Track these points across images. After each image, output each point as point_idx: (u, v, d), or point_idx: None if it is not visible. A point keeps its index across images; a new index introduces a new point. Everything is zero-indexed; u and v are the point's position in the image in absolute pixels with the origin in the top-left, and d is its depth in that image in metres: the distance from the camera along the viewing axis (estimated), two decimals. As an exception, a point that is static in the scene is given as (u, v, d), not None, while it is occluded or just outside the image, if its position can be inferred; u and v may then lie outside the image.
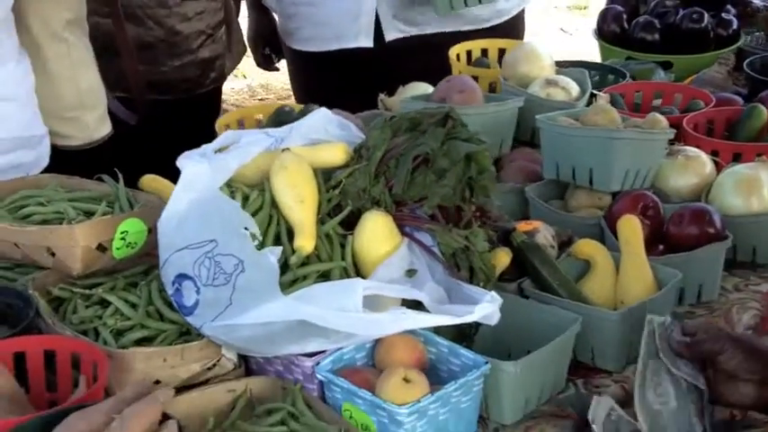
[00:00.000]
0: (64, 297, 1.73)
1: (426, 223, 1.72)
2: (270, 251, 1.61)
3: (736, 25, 3.20)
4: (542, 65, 2.62)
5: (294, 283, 1.63)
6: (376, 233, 1.71)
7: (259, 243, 1.64)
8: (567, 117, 2.24)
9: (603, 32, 3.28)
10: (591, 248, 1.90)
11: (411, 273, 1.68)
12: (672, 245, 1.96)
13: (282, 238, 1.68)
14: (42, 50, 2.31)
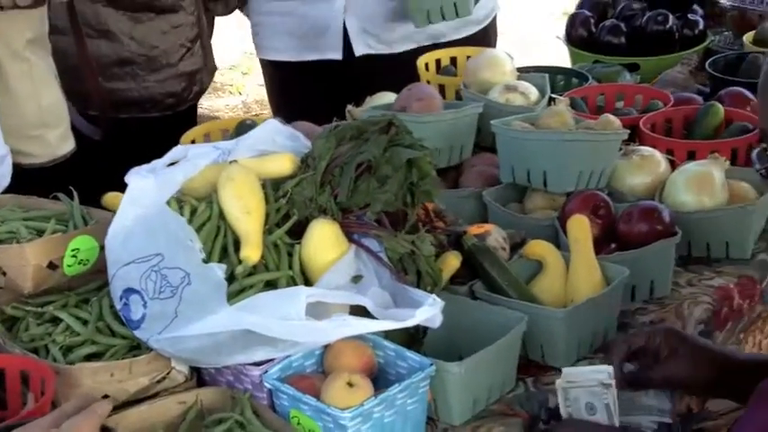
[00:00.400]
0: (18, 316, 1.76)
1: (373, 229, 1.75)
2: (216, 264, 1.64)
3: (702, 26, 3.22)
4: (503, 71, 2.64)
5: (240, 294, 1.65)
6: (323, 241, 1.73)
7: (205, 256, 1.66)
8: (523, 121, 2.26)
9: (572, 37, 3.30)
10: (542, 249, 1.92)
11: (357, 279, 1.70)
12: (623, 243, 1.98)
13: (229, 248, 1.70)
14: (4, 70, 2.34)
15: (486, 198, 2.19)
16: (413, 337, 1.72)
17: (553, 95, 2.57)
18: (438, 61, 2.91)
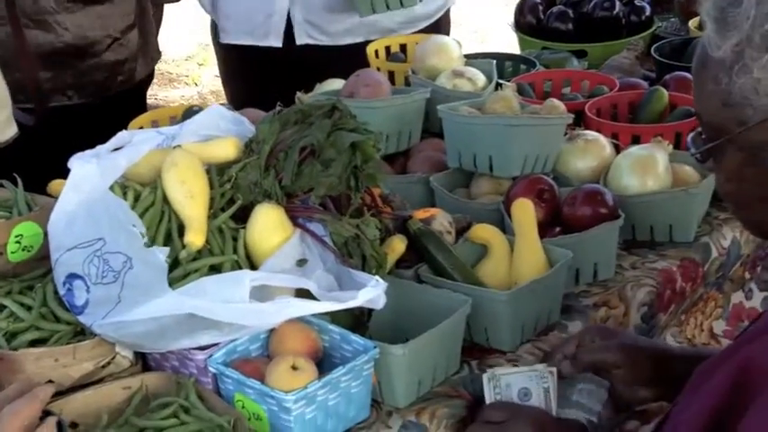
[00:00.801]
0: (-39, 303, 1.74)
1: (317, 213, 1.75)
2: (158, 248, 1.63)
3: (649, 12, 3.25)
4: (451, 57, 2.65)
5: (185, 278, 1.64)
6: (267, 225, 1.73)
7: (148, 240, 1.66)
8: (470, 107, 2.27)
9: (521, 24, 3.32)
10: (486, 233, 1.93)
11: (302, 262, 1.71)
12: (567, 226, 2.00)
13: (173, 233, 1.69)
14: None
15: (434, 183, 2.20)
16: (358, 321, 1.73)
17: (500, 81, 2.59)
18: (388, 48, 2.92)
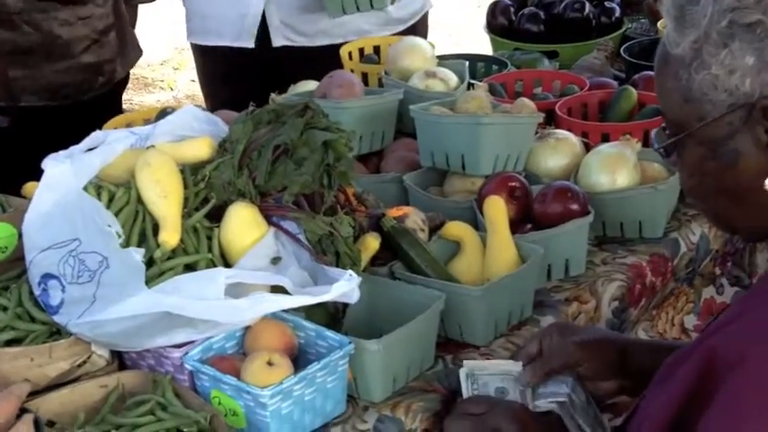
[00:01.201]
0: (-64, 304, 1.75)
1: (291, 212, 1.77)
2: (134, 248, 1.65)
3: (619, 13, 3.28)
4: (423, 57, 2.67)
5: (160, 277, 1.66)
6: (241, 224, 1.75)
7: (123, 240, 1.67)
8: (442, 106, 2.29)
9: (493, 26, 3.35)
10: (459, 230, 1.95)
11: (276, 260, 1.72)
12: (538, 223, 2.02)
13: (148, 233, 1.71)
14: None
15: (407, 182, 2.22)
16: (332, 318, 1.75)
17: (472, 81, 2.61)
18: (361, 50, 2.94)
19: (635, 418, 1.45)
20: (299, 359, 1.67)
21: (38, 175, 2.03)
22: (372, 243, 1.88)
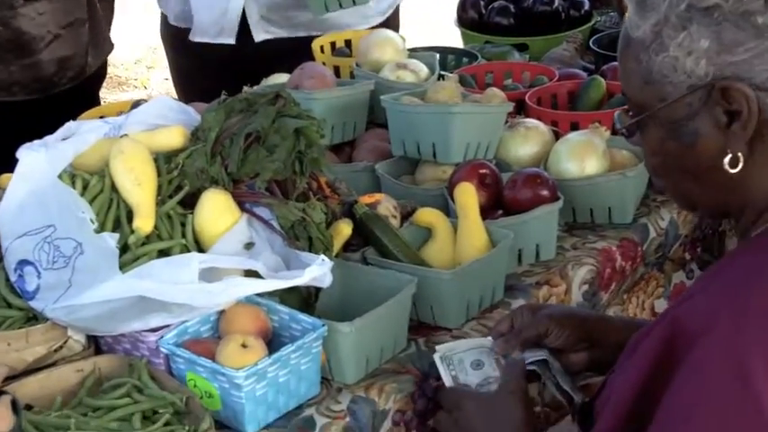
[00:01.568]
0: None
1: (263, 198, 1.79)
2: (108, 234, 1.67)
3: (588, 6, 3.32)
4: (394, 49, 2.70)
5: (134, 263, 1.68)
6: (214, 210, 1.77)
7: (97, 227, 1.69)
8: (413, 96, 2.32)
9: (463, 20, 3.38)
10: (430, 216, 1.98)
11: (249, 246, 1.74)
12: (509, 209, 2.05)
13: (122, 220, 1.73)
14: None
15: (379, 171, 2.24)
16: (305, 302, 1.77)
17: (443, 72, 2.64)
18: (333, 44, 2.96)
19: (603, 392, 1.48)
20: (273, 342, 1.69)
21: (12, 169, 2.05)
22: (345, 229, 1.90)
